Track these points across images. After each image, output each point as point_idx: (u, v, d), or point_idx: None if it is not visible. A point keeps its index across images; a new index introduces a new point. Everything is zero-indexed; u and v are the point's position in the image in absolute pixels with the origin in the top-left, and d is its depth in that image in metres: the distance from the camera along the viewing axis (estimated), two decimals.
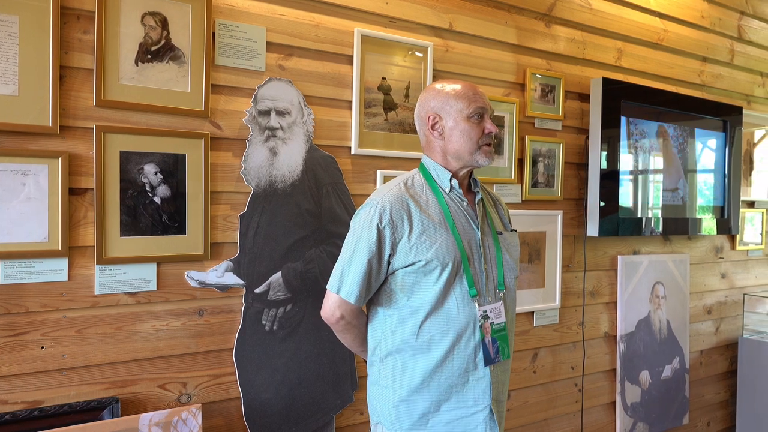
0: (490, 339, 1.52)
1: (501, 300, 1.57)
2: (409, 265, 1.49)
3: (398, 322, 1.52)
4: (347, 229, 1.59)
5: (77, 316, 1.67)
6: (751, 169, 3.51)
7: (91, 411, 1.66)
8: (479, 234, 1.57)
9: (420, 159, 1.66)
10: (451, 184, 1.57)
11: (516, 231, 1.72)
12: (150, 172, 1.74)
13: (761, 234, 3.58)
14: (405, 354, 1.52)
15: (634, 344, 2.92)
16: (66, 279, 1.65)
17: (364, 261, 1.48)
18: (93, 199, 1.67)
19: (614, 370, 2.89)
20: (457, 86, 1.57)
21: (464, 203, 1.58)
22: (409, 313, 1.51)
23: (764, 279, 3.68)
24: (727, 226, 3.23)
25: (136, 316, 1.75)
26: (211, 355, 1.87)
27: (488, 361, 1.51)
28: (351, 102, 2.08)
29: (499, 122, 2.44)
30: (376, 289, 1.54)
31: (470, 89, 1.57)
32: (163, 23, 1.74)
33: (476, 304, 1.51)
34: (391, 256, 1.50)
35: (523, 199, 2.54)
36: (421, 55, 2.22)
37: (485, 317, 1.52)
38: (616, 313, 2.89)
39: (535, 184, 2.57)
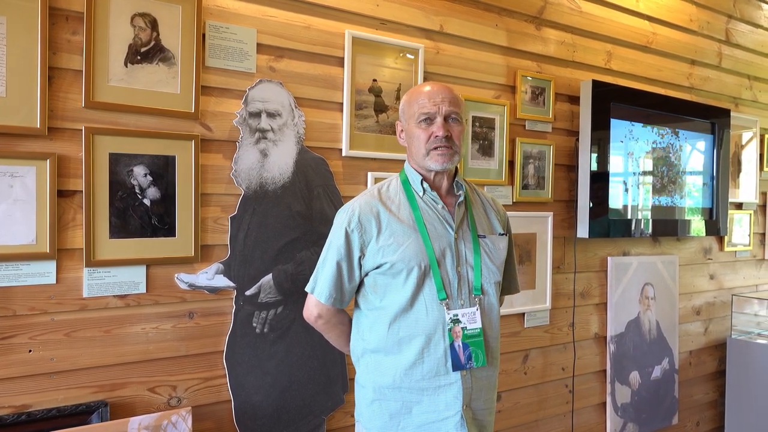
0: (460, 344, 1.49)
1: (476, 305, 1.54)
2: (377, 267, 1.52)
3: (373, 322, 1.55)
4: None
5: (66, 319, 1.65)
6: (739, 171, 3.54)
7: (80, 415, 1.65)
8: (453, 237, 1.55)
9: None
10: (423, 188, 1.57)
11: (505, 235, 1.68)
12: (139, 174, 1.73)
13: (749, 235, 3.61)
14: (379, 353, 1.54)
15: (623, 345, 2.93)
16: (54, 282, 1.64)
17: (334, 263, 1.53)
18: (82, 201, 1.66)
19: (604, 371, 2.90)
20: (418, 89, 1.57)
21: (439, 206, 1.56)
22: (382, 314, 1.53)
23: (752, 280, 3.72)
24: (715, 227, 3.26)
25: (125, 318, 1.74)
26: (202, 357, 1.86)
27: (457, 366, 1.49)
28: (342, 104, 2.08)
29: (489, 124, 2.44)
30: (351, 290, 1.58)
31: (423, 94, 1.53)
32: (153, 24, 1.74)
33: (445, 308, 1.50)
34: (361, 258, 1.54)
35: (514, 200, 2.54)
36: (412, 57, 2.22)
37: (456, 321, 1.50)
38: (606, 314, 2.90)
39: (525, 186, 2.57)
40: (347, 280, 1.55)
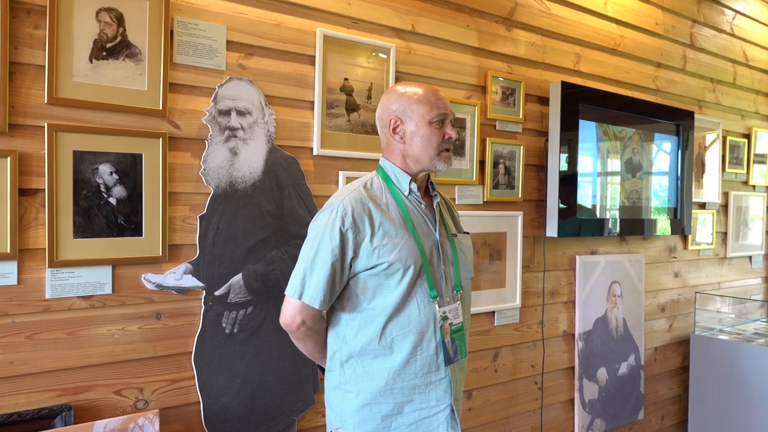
0: (449, 339, 1.54)
1: (458, 301, 1.60)
2: (371, 268, 1.49)
3: (360, 326, 1.52)
4: None
5: (27, 321, 1.61)
6: (702, 171, 3.64)
7: (43, 419, 1.60)
8: (438, 236, 1.58)
9: None
10: (410, 188, 1.58)
11: (468, 233, 1.75)
12: (105, 172, 1.69)
13: (712, 234, 3.71)
14: (367, 357, 1.51)
15: (591, 342, 2.99)
16: (15, 283, 1.59)
17: (328, 264, 1.47)
18: (44, 200, 1.61)
19: (573, 367, 2.95)
20: (420, 90, 1.57)
21: (422, 206, 1.60)
22: (371, 316, 1.51)
23: (715, 278, 3.82)
24: (680, 226, 3.34)
25: (90, 320, 1.70)
26: (169, 359, 1.83)
27: (448, 361, 1.54)
28: (313, 102, 2.07)
29: (460, 124, 2.46)
30: (338, 293, 1.53)
31: (432, 94, 1.57)
32: (119, 20, 1.70)
33: (436, 306, 1.52)
34: (353, 259, 1.49)
35: (485, 200, 2.57)
36: (384, 56, 2.22)
37: (444, 318, 1.53)
38: (575, 312, 2.95)
39: (496, 186, 2.60)
40: (338, 283, 1.50)
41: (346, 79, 2.13)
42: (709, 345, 3.39)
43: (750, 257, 4.06)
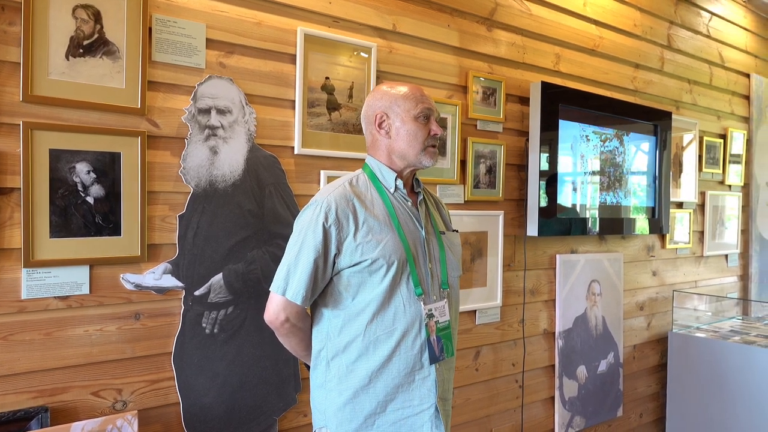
0: (435, 337, 1.54)
1: (445, 299, 1.60)
2: (354, 265, 1.49)
3: (344, 323, 1.52)
4: (290, 229, 1.57)
5: (2, 322, 1.58)
6: (680, 171, 3.69)
7: (18, 422, 1.58)
8: (424, 234, 1.59)
9: (364, 159, 1.66)
10: (395, 185, 1.59)
11: (457, 231, 1.76)
12: (82, 171, 1.67)
13: (689, 233, 3.77)
14: (351, 355, 1.51)
15: (571, 340, 3.02)
16: None
17: (311, 261, 1.47)
18: (20, 199, 1.59)
19: (553, 366, 2.98)
20: (404, 88, 1.60)
21: (408, 203, 1.60)
22: (354, 313, 1.51)
23: (692, 276, 3.88)
24: (658, 225, 3.39)
25: (67, 320, 1.68)
26: (149, 359, 1.81)
27: (433, 359, 1.53)
28: (294, 101, 2.06)
29: (442, 123, 2.47)
30: (321, 290, 1.54)
31: (417, 91, 1.60)
32: (96, 16, 1.68)
33: (422, 304, 1.52)
34: (336, 255, 1.49)
35: (466, 199, 2.58)
36: (365, 55, 2.22)
37: (430, 316, 1.53)
38: (555, 310, 2.98)
39: (477, 185, 2.61)
40: (321, 279, 1.51)
41: (327, 78, 2.13)
42: (686, 342, 3.45)
43: (726, 256, 4.13)
